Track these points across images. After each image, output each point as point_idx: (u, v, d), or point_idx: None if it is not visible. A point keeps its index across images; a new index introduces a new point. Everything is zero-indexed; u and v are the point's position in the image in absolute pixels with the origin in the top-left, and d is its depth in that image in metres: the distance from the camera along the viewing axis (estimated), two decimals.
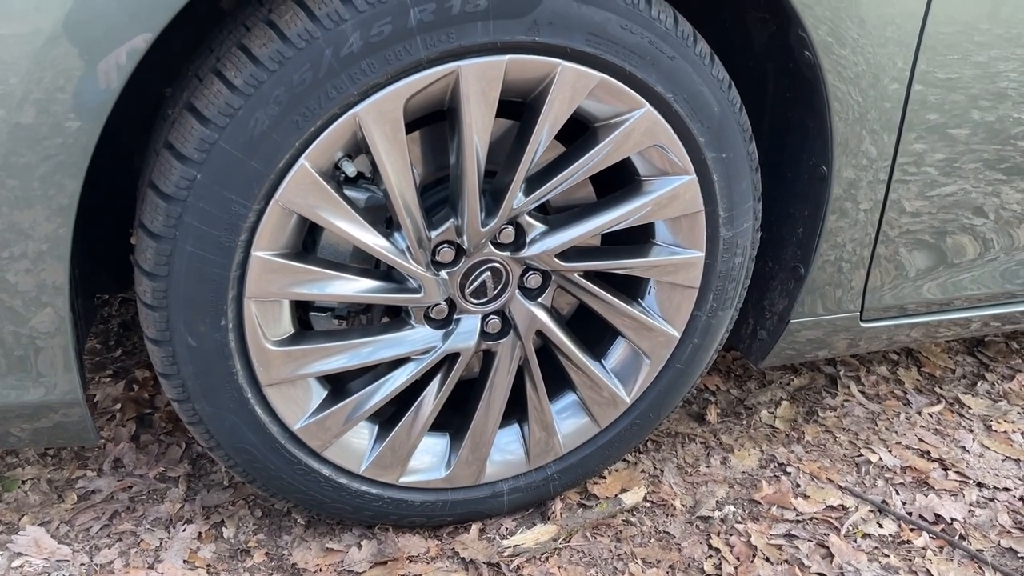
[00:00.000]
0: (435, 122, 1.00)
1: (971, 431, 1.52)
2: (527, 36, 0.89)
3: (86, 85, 0.77)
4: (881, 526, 1.27)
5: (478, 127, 0.92)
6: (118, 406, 1.32)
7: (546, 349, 1.14)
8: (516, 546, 1.15)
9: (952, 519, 1.30)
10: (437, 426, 1.12)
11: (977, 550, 1.24)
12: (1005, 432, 1.52)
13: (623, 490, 1.28)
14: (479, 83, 0.90)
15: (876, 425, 1.52)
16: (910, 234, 1.19)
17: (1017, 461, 1.45)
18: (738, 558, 1.18)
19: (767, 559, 1.18)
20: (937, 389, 1.64)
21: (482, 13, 0.86)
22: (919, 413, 1.56)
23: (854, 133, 1.06)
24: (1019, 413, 1.59)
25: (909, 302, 1.28)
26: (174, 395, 0.98)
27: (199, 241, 0.88)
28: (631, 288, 1.14)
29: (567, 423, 1.18)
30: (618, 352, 1.17)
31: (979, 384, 1.67)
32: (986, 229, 1.22)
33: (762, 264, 1.22)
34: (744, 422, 1.49)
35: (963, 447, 1.48)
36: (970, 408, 1.59)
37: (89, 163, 0.80)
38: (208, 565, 1.08)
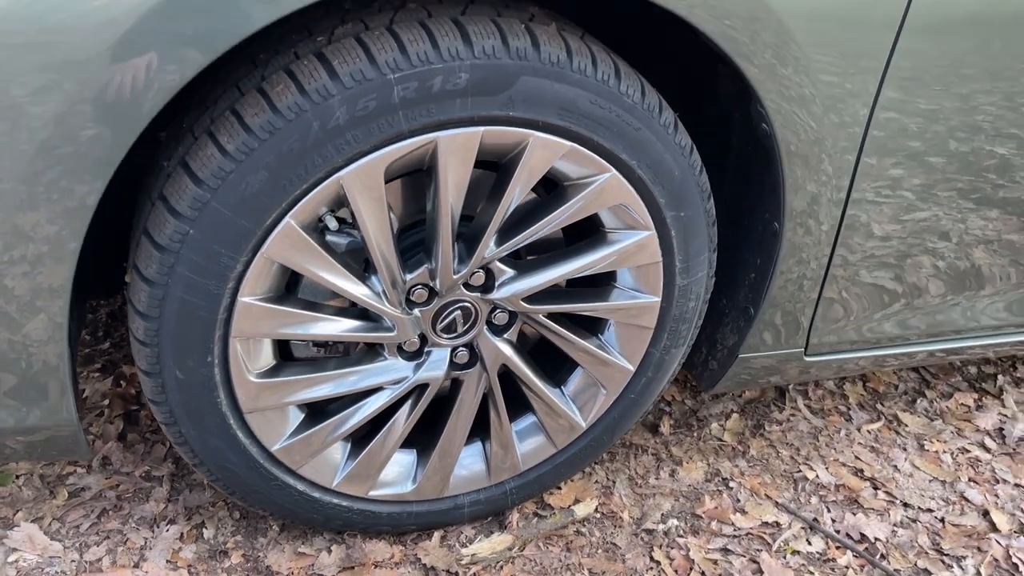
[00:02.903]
0: (415, 172, 1.06)
1: (905, 449, 1.64)
2: (502, 111, 0.95)
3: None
4: (810, 543, 1.39)
5: (453, 189, 0.99)
6: (106, 402, 1.40)
7: (510, 374, 1.22)
8: (473, 555, 1.26)
9: (876, 538, 1.41)
10: (406, 442, 1.21)
11: (895, 570, 1.36)
12: (936, 452, 1.64)
13: (576, 501, 1.39)
14: (456, 152, 0.97)
15: (818, 440, 1.62)
16: (852, 285, 1.28)
17: (943, 483, 1.56)
18: (676, 571, 1.30)
19: (702, 573, 1.30)
20: (879, 405, 1.75)
21: (461, 91, 0.92)
22: (859, 430, 1.67)
23: (804, 199, 1.13)
24: (952, 433, 1.70)
25: (851, 340, 1.37)
26: (162, 419, 1.06)
27: (190, 288, 0.95)
28: (592, 324, 1.22)
29: (526, 443, 1.28)
30: (577, 380, 1.26)
31: (919, 401, 1.78)
32: (918, 280, 1.32)
33: (717, 301, 1.31)
34: (695, 434, 1.59)
35: (895, 466, 1.59)
36: (907, 426, 1.70)
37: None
38: (189, 565, 1.17)
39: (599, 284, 1.19)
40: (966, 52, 1.09)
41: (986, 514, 1.50)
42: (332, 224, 1.00)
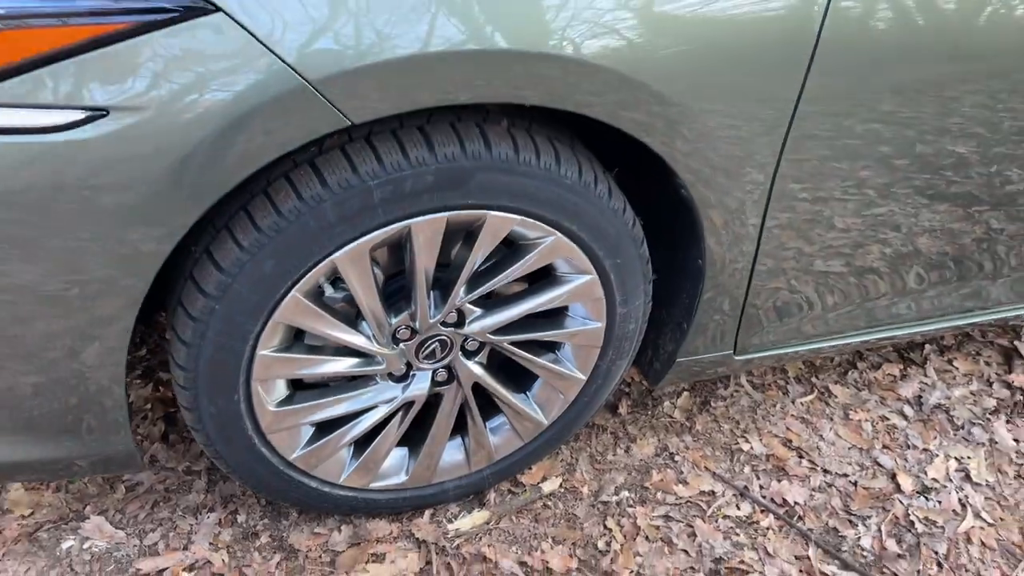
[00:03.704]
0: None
1: (832, 419, 1.90)
2: (462, 200, 1.17)
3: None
4: (739, 508, 1.67)
5: (425, 259, 1.22)
6: (148, 406, 1.67)
7: (480, 388, 1.48)
8: (457, 529, 1.54)
9: (795, 502, 1.69)
10: (399, 441, 1.48)
11: (808, 529, 1.64)
12: (858, 421, 1.90)
13: (544, 479, 1.66)
14: (426, 231, 1.19)
15: (756, 414, 1.89)
16: (768, 302, 1.51)
17: (861, 450, 1.83)
18: (625, 536, 1.58)
19: (646, 537, 1.58)
20: (814, 378, 2.01)
21: (427, 188, 1.14)
22: (793, 402, 1.93)
23: (720, 243, 1.36)
24: (876, 402, 1.96)
25: (772, 341, 1.62)
26: (201, 440, 1.32)
27: (217, 347, 1.19)
28: (550, 343, 1.47)
29: (498, 437, 1.54)
30: (538, 387, 1.51)
31: (850, 373, 2.04)
32: (821, 297, 1.55)
33: (659, 314, 1.55)
34: (649, 412, 1.86)
35: (821, 436, 1.86)
36: (836, 397, 1.96)
37: None
38: (227, 546, 1.46)
39: (555, 314, 1.43)
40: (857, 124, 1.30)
41: (893, 477, 1.77)
42: (328, 291, 1.24)
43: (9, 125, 0.95)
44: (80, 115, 0.96)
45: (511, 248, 1.33)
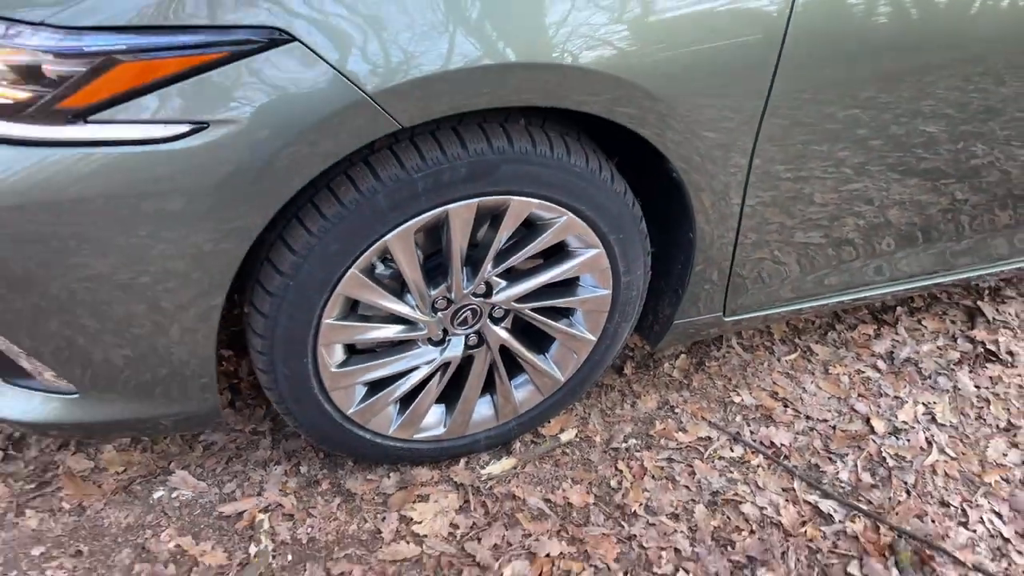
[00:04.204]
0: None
1: (813, 374, 2.14)
2: (490, 188, 1.41)
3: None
4: (732, 451, 1.91)
5: (460, 239, 1.46)
6: None
7: (507, 349, 1.72)
8: (489, 474, 1.78)
9: (781, 444, 1.93)
10: (437, 398, 1.72)
11: (793, 466, 1.88)
12: (837, 375, 2.14)
13: (561, 430, 1.91)
14: (460, 215, 1.43)
15: (745, 372, 2.13)
16: (752, 271, 1.75)
17: (839, 399, 2.07)
18: (634, 476, 1.82)
19: (652, 476, 1.82)
20: (797, 339, 2.25)
21: (461, 179, 1.38)
22: (779, 360, 2.18)
23: (707, 219, 1.60)
24: (852, 358, 2.21)
25: (759, 303, 1.86)
26: (274, 399, 1.56)
27: (290, 318, 1.43)
28: (565, 311, 1.71)
29: (522, 393, 1.78)
30: (555, 348, 1.75)
31: (829, 334, 2.28)
32: (797, 263, 1.79)
33: (657, 284, 1.79)
34: (651, 373, 2.10)
35: (803, 388, 2.10)
36: (817, 355, 2.21)
37: None
38: (294, 492, 1.70)
39: (568, 284, 1.67)
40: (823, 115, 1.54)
41: (867, 421, 2.01)
42: (380, 268, 1.48)
43: (132, 137, 1.19)
44: (186, 128, 1.20)
45: (530, 228, 1.56)
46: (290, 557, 1.57)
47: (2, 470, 1.67)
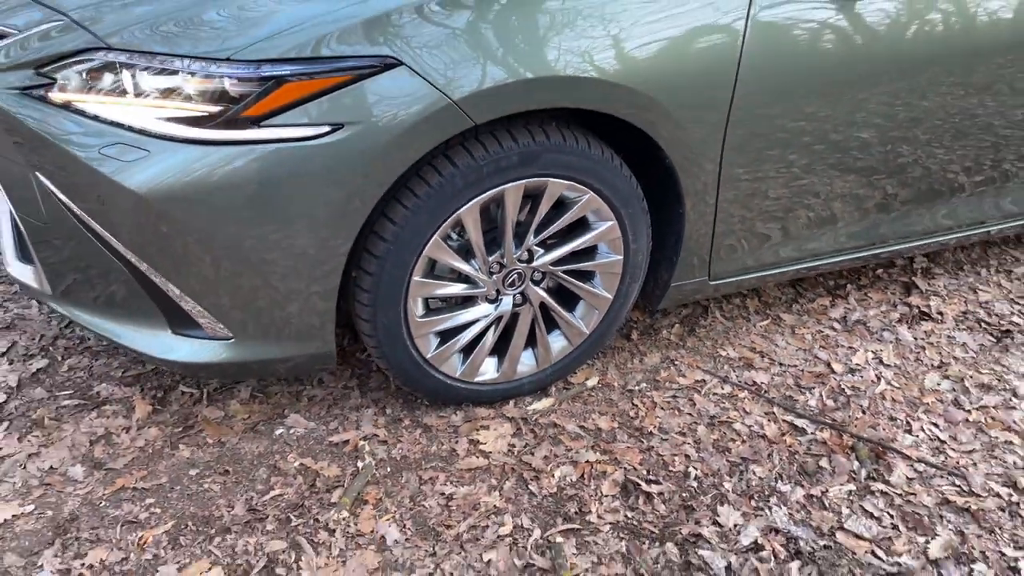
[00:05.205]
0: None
1: (783, 334, 2.65)
2: (535, 171, 1.92)
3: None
4: (723, 388, 2.39)
5: (512, 212, 1.96)
6: None
7: (544, 307, 2.20)
8: (534, 409, 2.25)
9: (761, 383, 2.42)
10: (492, 352, 2.19)
11: (771, 397, 2.36)
12: (802, 334, 2.65)
13: (586, 379, 2.38)
14: (512, 194, 1.93)
15: (728, 335, 2.63)
16: (728, 239, 2.27)
17: (805, 350, 2.57)
18: (647, 408, 2.29)
19: (662, 408, 2.29)
20: (768, 310, 2.76)
21: (513, 165, 1.89)
22: (755, 326, 2.68)
23: (693, 195, 2.12)
24: (814, 322, 2.71)
25: (736, 269, 2.37)
26: (372, 344, 2.02)
27: (390, 276, 1.91)
28: (588, 275, 2.21)
29: (555, 345, 2.26)
30: (581, 307, 2.25)
31: (794, 305, 2.79)
32: (769, 232, 2.31)
33: (658, 253, 2.30)
34: (653, 338, 2.59)
35: (775, 344, 2.60)
36: (785, 321, 2.71)
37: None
38: (385, 426, 2.15)
39: (590, 252, 2.17)
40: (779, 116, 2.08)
41: (828, 364, 2.51)
42: (454, 236, 1.98)
43: (292, 136, 1.68)
44: (328, 128, 1.70)
45: (558, 208, 2.07)
46: (389, 469, 2.02)
47: (153, 420, 2.11)
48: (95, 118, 1.72)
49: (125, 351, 2.05)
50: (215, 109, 1.67)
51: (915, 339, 2.65)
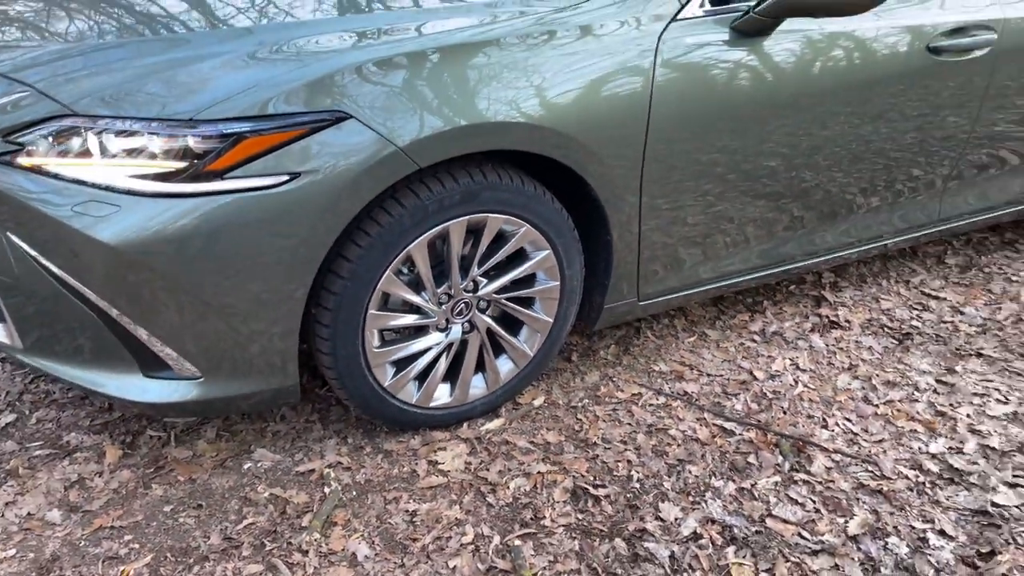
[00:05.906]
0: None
1: (709, 348, 2.88)
2: (476, 208, 2.11)
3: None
4: (658, 400, 2.59)
5: (456, 246, 2.15)
6: None
7: (491, 333, 2.38)
8: (487, 430, 2.41)
9: (691, 392, 2.63)
10: (444, 378, 2.36)
11: (701, 404, 2.58)
12: (726, 347, 2.88)
13: (533, 399, 2.56)
14: (456, 230, 2.12)
15: (660, 351, 2.85)
16: (652, 263, 2.50)
17: (729, 361, 2.81)
18: (590, 421, 2.48)
19: (603, 420, 2.48)
20: (694, 328, 2.99)
21: (456, 203, 2.08)
22: (683, 342, 2.91)
23: (618, 224, 2.34)
24: (736, 336, 2.96)
25: (662, 290, 2.59)
26: (332, 376, 2.17)
27: (347, 310, 2.07)
28: (529, 301, 2.40)
29: (503, 368, 2.44)
30: (525, 330, 2.44)
31: (717, 322, 3.03)
32: (686, 256, 2.55)
33: (592, 278, 2.51)
34: (592, 358, 2.79)
35: (703, 357, 2.83)
36: (710, 336, 2.95)
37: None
38: (347, 454, 2.29)
39: (529, 280, 2.36)
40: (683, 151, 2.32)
41: (751, 372, 2.75)
42: (404, 271, 2.15)
43: (252, 186, 1.84)
44: (286, 177, 1.87)
45: (499, 240, 2.27)
46: (355, 492, 2.16)
47: (125, 463, 2.21)
48: (65, 179, 1.85)
49: (97, 398, 2.15)
50: (181, 165, 1.82)
51: (827, 345, 2.91)
